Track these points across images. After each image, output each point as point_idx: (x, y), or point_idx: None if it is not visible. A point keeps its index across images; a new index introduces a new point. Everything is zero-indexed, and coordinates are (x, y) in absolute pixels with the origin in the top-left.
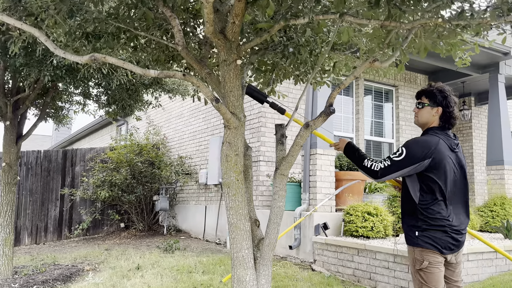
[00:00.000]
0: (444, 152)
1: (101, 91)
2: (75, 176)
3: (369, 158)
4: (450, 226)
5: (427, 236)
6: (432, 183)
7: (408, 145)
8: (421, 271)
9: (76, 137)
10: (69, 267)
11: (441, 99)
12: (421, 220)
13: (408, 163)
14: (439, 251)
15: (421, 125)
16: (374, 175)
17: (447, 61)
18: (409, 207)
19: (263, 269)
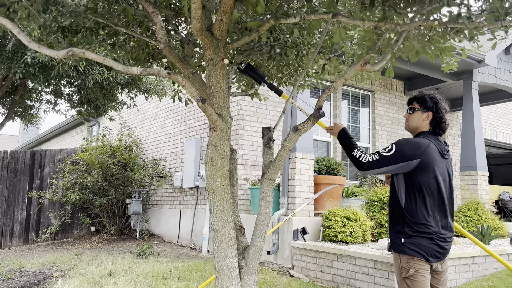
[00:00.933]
0: (433, 156)
1: (73, 90)
2: (44, 178)
3: (359, 149)
4: (436, 234)
5: (413, 243)
6: (419, 187)
7: (399, 142)
8: (408, 279)
9: (45, 137)
10: (36, 274)
11: (432, 105)
12: (407, 226)
13: (396, 160)
14: (425, 258)
15: (412, 130)
16: (360, 166)
17: (422, 67)
18: (396, 212)
19: (249, 278)
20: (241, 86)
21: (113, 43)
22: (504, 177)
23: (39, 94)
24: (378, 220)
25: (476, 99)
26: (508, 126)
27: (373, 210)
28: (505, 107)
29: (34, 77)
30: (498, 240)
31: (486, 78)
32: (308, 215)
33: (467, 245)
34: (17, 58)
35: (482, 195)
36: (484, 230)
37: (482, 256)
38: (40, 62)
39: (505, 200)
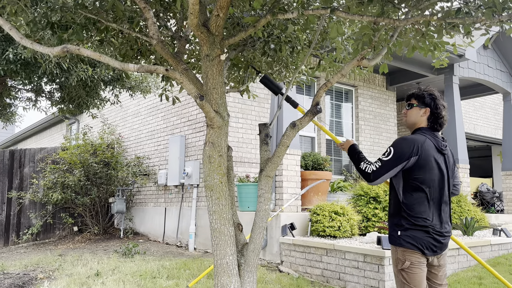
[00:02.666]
0: (429, 151)
1: (55, 88)
2: (24, 177)
3: (365, 161)
4: (432, 227)
5: (409, 235)
6: (417, 182)
7: (395, 143)
8: (403, 271)
9: (21, 136)
10: (20, 276)
11: (430, 101)
12: (404, 219)
13: (396, 162)
14: (420, 251)
15: (410, 126)
16: (367, 178)
17: (404, 62)
18: (394, 206)
19: (248, 275)
20: (230, 83)
21: (101, 39)
22: (482, 170)
23: (19, 92)
24: (365, 214)
25: (457, 93)
26: (486, 120)
27: (360, 204)
28: (483, 100)
29: (16, 74)
30: (481, 231)
31: (466, 73)
32: (295, 210)
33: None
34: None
35: (464, 188)
36: (468, 222)
37: (469, 248)
38: (22, 59)
39: (483, 192)
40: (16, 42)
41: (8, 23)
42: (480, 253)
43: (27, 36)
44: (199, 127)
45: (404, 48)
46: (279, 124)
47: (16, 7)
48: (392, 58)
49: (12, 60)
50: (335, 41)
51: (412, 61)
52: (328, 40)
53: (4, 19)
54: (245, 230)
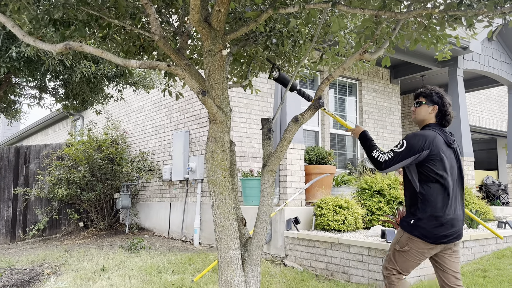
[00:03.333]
0: (440, 146)
1: (59, 84)
2: (30, 174)
3: (378, 149)
4: (444, 216)
5: (421, 226)
6: (431, 174)
7: (408, 137)
8: (398, 252)
9: (27, 132)
10: (27, 271)
11: (437, 99)
12: (419, 209)
13: (408, 154)
14: (431, 241)
15: (419, 122)
16: (379, 166)
17: (408, 55)
18: (411, 196)
19: (252, 269)
20: (233, 78)
21: (103, 36)
22: (487, 162)
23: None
24: (369, 208)
25: (461, 86)
26: (491, 112)
27: (364, 198)
28: (488, 93)
29: (20, 71)
30: (486, 224)
31: (471, 65)
32: (300, 204)
33: None
34: (1, 53)
35: (468, 181)
36: (473, 214)
37: (472, 240)
38: (25, 56)
39: (489, 184)
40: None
41: (11, 21)
42: (485, 246)
43: (30, 34)
44: (203, 122)
45: (406, 41)
46: (282, 118)
47: (19, 4)
48: (395, 51)
49: (15, 58)
50: (337, 35)
51: (416, 54)
52: (331, 34)
53: (6, 17)
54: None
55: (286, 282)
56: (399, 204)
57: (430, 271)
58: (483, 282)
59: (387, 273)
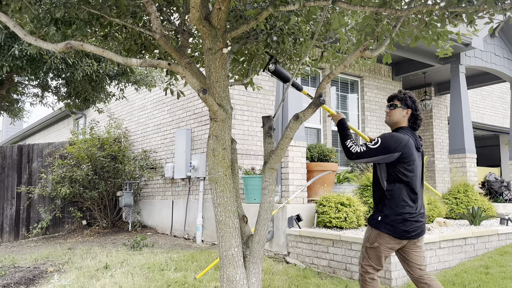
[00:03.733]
0: (411, 150)
1: (61, 83)
2: (33, 172)
3: (352, 140)
4: (410, 214)
5: (387, 223)
6: (399, 174)
7: (384, 137)
8: (369, 249)
9: (30, 131)
10: (31, 269)
11: (411, 103)
12: (386, 206)
13: (380, 152)
14: (397, 237)
15: (392, 124)
16: (349, 155)
17: (410, 52)
18: (378, 193)
19: (253, 267)
20: (234, 76)
21: (105, 34)
22: (489, 159)
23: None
24: (371, 205)
25: (464, 83)
26: (493, 108)
27: (366, 195)
28: (490, 89)
29: (22, 70)
30: (488, 220)
31: (473, 61)
32: (301, 202)
33: (459, 227)
34: (4, 51)
35: (471, 177)
36: (475, 211)
37: (474, 237)
38: (27, 55)
39: (491, 181)
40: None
41: (12, 20)
42: (487, 243)
43: (32, 33)
44: (205, 120)
45: (407, 38)
46: (284, 116)
47: (20, 4)
48: (395, 48)
49: (18, 56)
50: (338, 32)
51: (418, 51)
52: (331, 31)
53: (8, 17)
54: (252, 222)
55: (288, 279)
56: None
57: (432, 267)
58: (485, 278)
59: (362, 270)
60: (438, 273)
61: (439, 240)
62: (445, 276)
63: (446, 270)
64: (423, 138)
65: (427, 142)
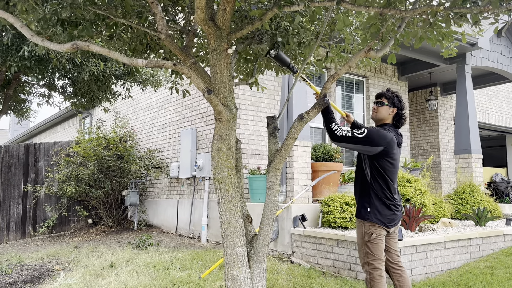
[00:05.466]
0: (393, 146)
1: (67, 83)
2: (39, 171)
3: (336, 124)
4: (393, 205)
5: (376, 212)
6: (383, 167)
7: (371, 130)
8: (369, 243)
9: (36, 130)
10: (37, 267)
11: (397, 102)
12: (372, 198)
13: (364, 142)
14: (385, 225)
15: (377, 120)
16: (333, 137)
17: (415, 52)
18: (363, 186)
19: (258, 266)
20: (239, 76)
21: (110, 35)
22: (496, 159)
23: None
24: None
25: (470, 83)
26: (500, 109)
27: None
28: (497, 89)
29: (30, 70)
30: (494, 221)
31: (479, 61)
32: (306, 202)
33: (465, 228)
34: (12, 52)
35: (476, 178)
36: (480, 212)
37: (480, 238)
38: (36, 55)
39: (497, 181)
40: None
41: (20, 21)
42: (493, 243)
43: (38, 33)
44: (210, 120)
45: (412, 39)
46: (289, 116)
47: (27, 5)
48: (400, 49)
49: (27, 57)
50: (343, 32)
51: (424, 51)
52: (336, 31)
53: (15, 17)
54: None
55: (293, 279)
56: (406, 201)
57: (437, 268)
58: (490, 279)
59: (370, 268)
60: (443, 274)
61: (444, 240)
62: (450, 276)
63: (451, 271)
64: (429, 139)
65: (433, 142)
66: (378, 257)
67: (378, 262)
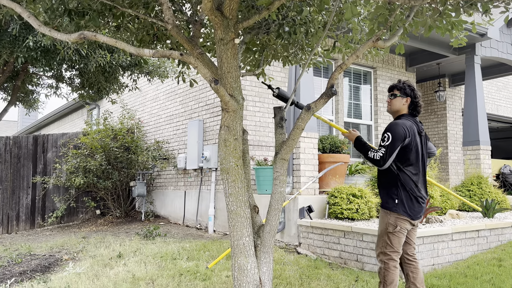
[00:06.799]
0: (415, 134)
1: (75, 74)
2: (47, 162)
3: (372, 150)
4: (419, 197)
5: (404, 205)
6: (406, 158)
7: (391, 129)
8: (391, 234)
9: (44, 122)
10: (46, 257)
11: (410, 91)
12: (400, 189)
13: (396, 144)
14: (411, 218)
15: (393, 113)
16: (378, 164)
17: (424, 43)
18: (390, 178)
19: (264, 256)
20: (246, 66)
21: (117, 25)
22: (504, 151)
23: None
24: None
25: (479, 74)
26: (509, 100)
27: None
28: (506, 80)
29: (37, 61)
30: (502, 213)
31: (489, 52)
32: (313, 193)
33: (472, 219)
34: (19, 43)
35: (485, 169)
36: (488, 203)
37: (487, 229)
38: (42, 46)
39: (506, 173)
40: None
41: (27, 11)
42: (500, 235)
43: (46, 24)
44: (217, 111)
45: (420, 28)
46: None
47: None
48: (408, 39)
49: (32, 47)
50: (351, 22)
51: (432, 41)
52: (344, 21)
53: (22, 7)
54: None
55: (299, 269)
56: None
57: (444, 259)
58: (497, 271)
59: (386, 258)
60: (450, 265)
61: (452, 232)
62: (457, 268)
63: (458, 262)
64: (437, 130)
65: (441, 134)
66: (397, 250)
67: (395, 254)
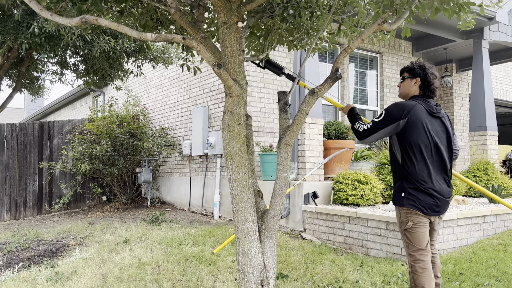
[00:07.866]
0: (420, 115)
1: (79, 60)
2: (54, 149)
3: (360, 121)
4: (432, 189)
5: (411, 198)
6: (412, 145)
7: (388, 107)
8: (407, 231)
9: (50, 109)
10: (53, 243)
11: (420, 71)
12: (406, 181)
13: (386, 123)
14: (422, 212)
15: (404, 96)
16: (359, 136)
17: (431, 27)
18: (396, 169)
19: (268, 241)
20: (250, 52)
21: (120, 10)
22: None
23: (45, 65)
24: (389, 183)
25: (487, 58)
26: None
27: (383, 172)
28: None
29: (41, 47)
30: (509, 199)
31: (497, 36)
32: (318, 179)
33: (478, 205)
34: (23, 29)
35: (491, 155)
36: (495, 189)
37: (493, 215)
38: (46, 32)
39: None
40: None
41: None
42: (506, 221)
43: (48, 8)
44: (221, 97)
45: (427, 11)
46: (300, 91)
47: None
48: (415, 22)
49: (37, 33)
50: (356, 5)
51: (439, 25)
52: (350, 5)
53: None
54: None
55: (304, 254)
56: None
57: (449, 245)
58: (503, 256)
59: (412, 260)
60: (455, 251)
61: (457, 217)
62: (462, 253)
63: (463, 248)
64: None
65: None
66: (420, 246)
67: (419, 252)
